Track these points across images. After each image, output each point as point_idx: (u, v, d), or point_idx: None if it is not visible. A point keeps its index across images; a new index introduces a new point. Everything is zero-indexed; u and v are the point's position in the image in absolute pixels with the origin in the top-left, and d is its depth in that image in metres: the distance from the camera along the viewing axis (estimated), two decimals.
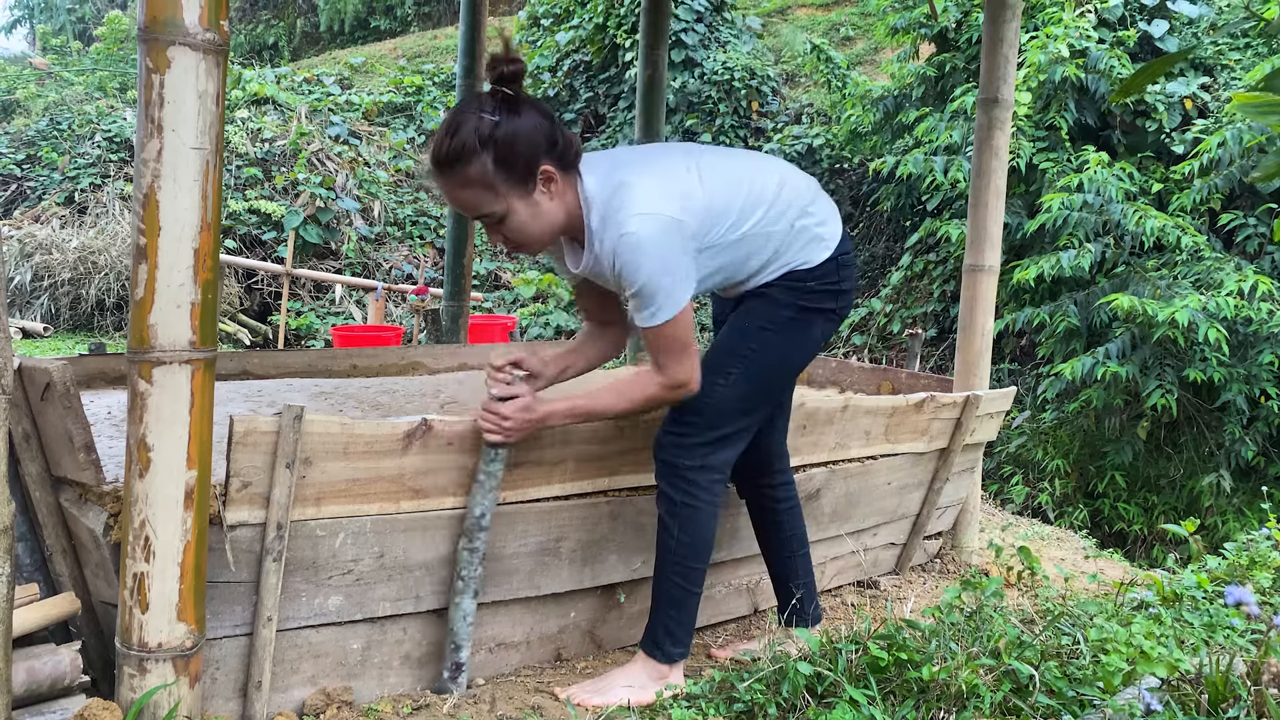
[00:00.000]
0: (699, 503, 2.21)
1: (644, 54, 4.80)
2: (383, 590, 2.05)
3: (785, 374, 2.34)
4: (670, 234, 2.00)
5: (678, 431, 2.22)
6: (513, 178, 1.95)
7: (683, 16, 11.41)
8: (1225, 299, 6.21)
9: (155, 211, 1.62)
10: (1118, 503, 6.74)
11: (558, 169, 2.00)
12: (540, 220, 2.03)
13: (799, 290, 2.23)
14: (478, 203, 1.98)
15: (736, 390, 2.22)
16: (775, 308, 2.23)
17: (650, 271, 1.99)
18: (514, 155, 1.93)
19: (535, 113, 1.97)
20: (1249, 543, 3.28)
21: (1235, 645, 2.22)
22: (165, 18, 1.60)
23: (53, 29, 19.41)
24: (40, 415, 1.89)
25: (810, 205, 2.23)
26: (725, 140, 11.15)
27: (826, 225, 2.25)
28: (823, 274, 2.23)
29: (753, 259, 2.19)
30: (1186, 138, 7.57)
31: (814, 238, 2.22)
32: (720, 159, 2.22)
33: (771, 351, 2.24)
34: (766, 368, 2.25)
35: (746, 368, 2.23)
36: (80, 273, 9.51)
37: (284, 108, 11.88)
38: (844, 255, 2.27)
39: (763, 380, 2.26)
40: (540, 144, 1.96)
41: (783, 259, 2.21)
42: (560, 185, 2.02)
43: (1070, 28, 7.78)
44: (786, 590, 2.52)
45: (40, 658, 1.74)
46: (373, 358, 3.67)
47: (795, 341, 2.27)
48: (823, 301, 2.25)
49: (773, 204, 2.17)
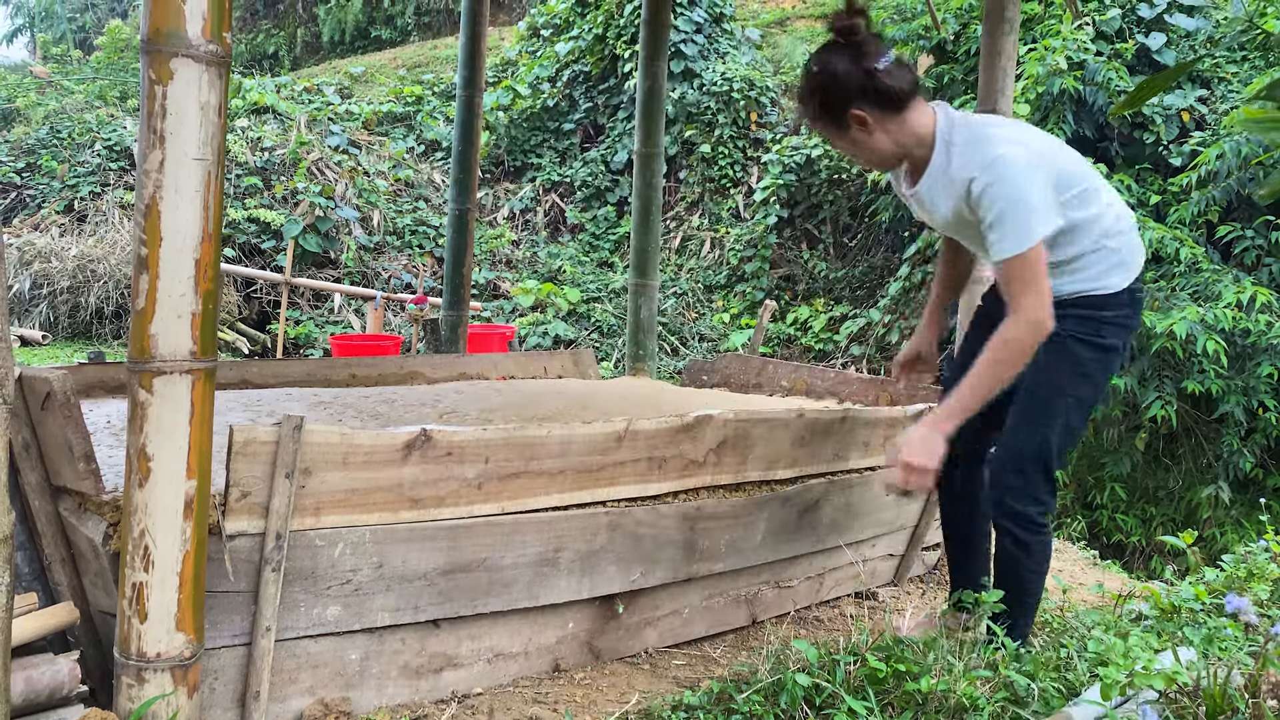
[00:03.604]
0: (1046, 534, 2.36)
1: (643, 65, 4.82)
2: (381, 600, 2.05)
3: (1089, 413, 2.36)
4: (1034, 166, 2.13)
5: (1020, 479, 2.32)
6: (825, 116, 2.26)
7: (682, 28, 11.45)
8: (1224, 311, 6.23)
9: (157, 222, 1.63)
10: (1116, 514, 6.74)
11: (871, 111, 2.19)
12: (862, 149, 2.28)
13: (1099, 321, 2.26)
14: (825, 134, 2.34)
15: (1063, 435, 2.30)
16: (1079, 349, 2.26)
17: (1010, 199, 2.10)
18: (827, 98, 2.22)
19: (847, 62, 2.17)
20: (1247, 555, 3.28)
21: (1233, 658, 2.22)
22: (168, 29, 1.61)
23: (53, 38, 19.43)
24: (40, 424, 1.90)
25: (1126, 230, 2.29)
26: (723, 150, 11.17)
27: (1135, 255, 2.29)
28: (1115, 303, 2.26)
29: (1058, 250, 2.23)
30: (1184, 150, 7.60)
31: (1119, 263, 2.26)
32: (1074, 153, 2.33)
33: (1085, 396, 2.29)
34: (1082, 414, 2.32)
35: (1070, 414, 2.29)
36: (79, 281, 9.51)
37: (284, 117, 11.90)
38: (1139, 292, 2.30)
39: (1077, 427, 2.33)
40: (851, 92, 2.18)
41: (1082, 275, 2.25)
42: (876, 124, 2.21)
43: (1068, 40, 7.82)
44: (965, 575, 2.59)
45: (38, 667, 1.73)
46: (372, 367, 3.67)
47: (1101, 381, 2.31)
48: (1119, 336, 2.28)
49: (1098, 214, 2.24)
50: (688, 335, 10.17)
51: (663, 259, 10.73)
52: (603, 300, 10.47)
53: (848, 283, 9.98)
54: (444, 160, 12.16)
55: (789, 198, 10.51)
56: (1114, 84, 7.65)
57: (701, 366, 4.40)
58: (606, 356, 9.63)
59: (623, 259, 10.99)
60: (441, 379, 3.82)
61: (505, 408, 3.05)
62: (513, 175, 12.43)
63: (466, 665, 2.24)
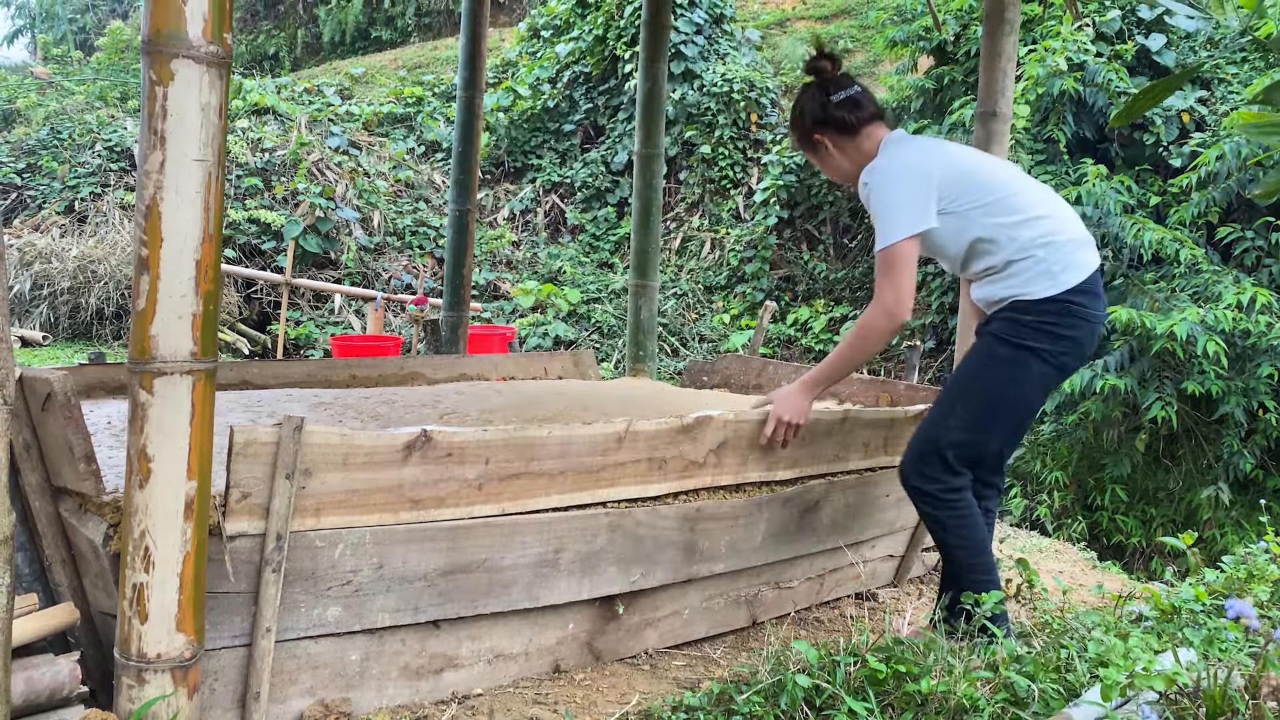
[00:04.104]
0: (955, 508, 2.50)
1: (644, 66, 4.82)
2: (381, 601, 2.05)
3: (1003, 410, 2.49)
4: (906, 174, 2.44)
5: (917, 459, 2.53)
6: (800, 139, 2.69)
7: (682, 29, 11.45)
8: (1224, 312, 6.23)
9: (157, 223, 1.63)
10: (1116, 515, 6.74)
11: (830, 135, 2.59)
12: (827, 167, 2.67)
13: (1018, 324, 2.42)
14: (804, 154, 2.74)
15: (960, 420, 2.48)
16: (994, 345, 2.46)
17: (880, 199, 2.43)
18: (798, 126, 2.67)
19: (812, 96, 2.61)
20: (1247, 556, 3.28)
21: (1233, 659, 2.22)
22: (169, 30, 1.61)
23: (54, 38, 19.44)
24: (41, 425, 1.90)
25: (1059, 242, 2.41)
26: (724, 151, 11.18)
27: (1066, 267, 2.40)
28: (1039, 309, 2.39)
29: (983, 259, 2.46)
30: (1184, 151, 7.60)
31: (1043, 272, 2.40)
32: (1006, 170, 2.55)
33: (988, 387, 2.47)
34: (984, 403, 2.47)
35: (965, 402, 2.49)
36: (80, 282, 9.51)
37: (284, 118, 11.91)
38: (1074, 303, 2.40)
39: (981, 414, 2.48)
40: (814, 120, 2.60)
41: (1012, 281, 2.42)
42: (835, 146, 2.60)
43: (1068, 41, 7.82)
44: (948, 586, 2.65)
45: (39, 668, 1.74)
46: (372, 368, 3.67)
47: (1011, 379, 2.45)
48: (1038, 340, 2.40)
49: (1024, 220, 2.41)
50: (688, 336, 10.18)
51: (663, 260, 10.73)
52: (603, 301, 10.48)
53: (848, 283, 9.99)
54: (444, 161, 12.17)
55: (789, 199, 10.52)
56: (1114, 85, 7.66)
57: (702, 367, 4.40)
58: (607, 357, 9.63)
59: (623, 260, 11.00)
60: (442, 380, 3.82)
61: (505, 409, 3.05)
62: (513, 176, 12.43)
63: (467, 666, 2.24)
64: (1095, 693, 1.85)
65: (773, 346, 9.86)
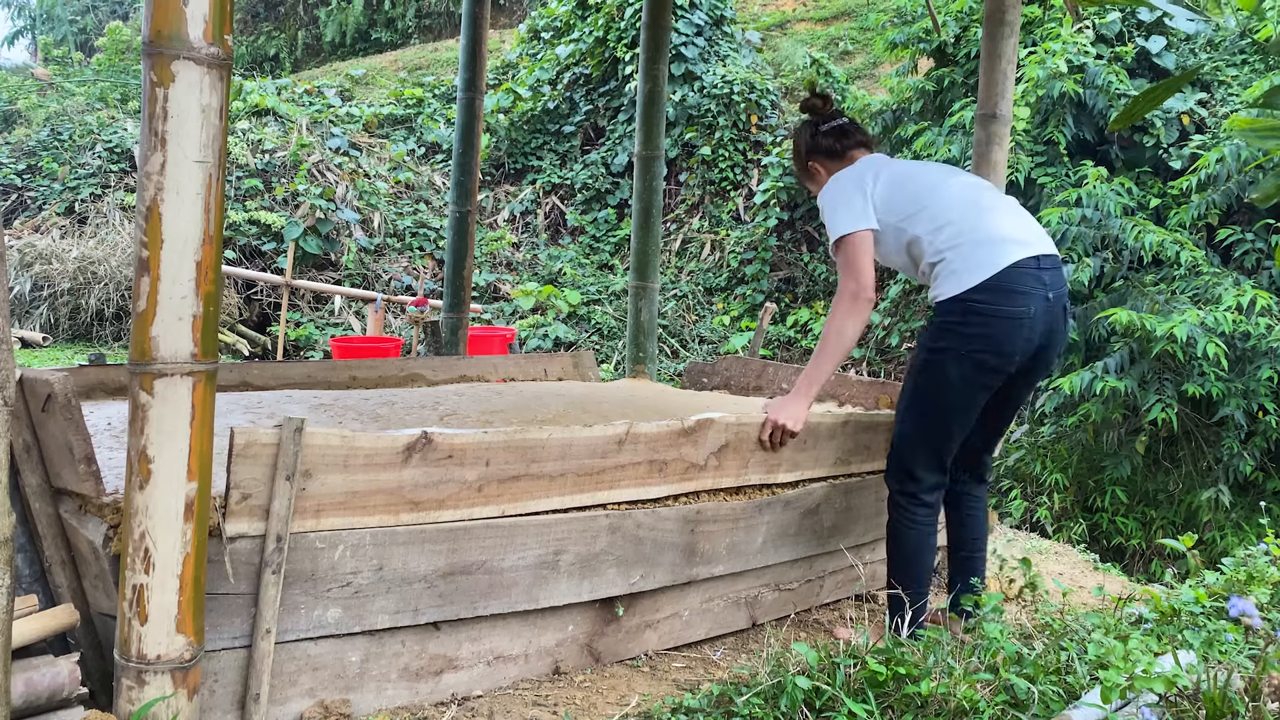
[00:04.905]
0: (900, 518, 2.67)
1: (644, 68, 4.82)
2: (381, 603, 2.05)
3: (938, 413, 2.58)
4: (847, 181, 2.68)
5: (888, 461, 2.71)
6: (800, 170, 2.93)
7: (683, 30, 11.46)
8: (1224, 314, 6.23)
9: (158, 224, 1.63)
10: (1116, 517, 6.74)
11: (821, 161, 2.83)
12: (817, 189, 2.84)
13: (931, 327, 2.57)
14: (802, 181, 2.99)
15: (906, 428, 2.64)
16: (917, 351, 2.61)
17: (827, 201, 2.68)
18: (797, 158, 2.94)
19: (805, 129, 2.88)
20: (1247, 558, 3.28)
21: (1233, 661, 2.22)
22: (170, 32, 1.61)
23: (54, 40, 19.46)
24: (41, 427, 1.90)
25: (963, 244, 2.51)
26: (724, 153, 11.18)
27: (968, 267, 2.49)
28: (945, 310, 2.52)
29: (919, 265, 2.61)
30: (1184, 153, 7.60)
31: (950, 273, 2.51)
32: (945, 176, 2.70)
33: (918, 394, 2.61)
34: (920, 409, 2.61)
35: (907, 409, 2.64)
36: (80, 283, 9.51)
37: (285, 119, 11.91)
38: (975, 300, 2.46)
39: (920, 420, 2.61)
40: (806, 149, 2.87)
41: (934, 284, 2.56)
42: (826, 171, 2.80)
43: (1068, 43, 7.82)
44: (954, 581, 2.83)
45: (39, 669, 1.73)
46: (372, 369, 3.67)
47: (933, 383, 2.56)
48: (946, 340, 2.52)
49: (939, 227, 2.55)
50: (688, 338, 10.18)
51: (663, 261, 10.73)
52: (603, 302, 10.48)
53: None
54: (444, 163, 12.17)
55: (789, 200, 10.52)
56: (1114, 87, 7.66)
57: (702, 369, 4.40)
58: (607, 359, 9.63)
59: (623, 261, 11.00)
60: (442, 381, 3.82)
61: (506, 410, 3.05)
62: (513, 177, 12.44)
63: (466, 668, 2.24)
64: (1095, 695, 1.85)
65: (773, 348, 9.87)
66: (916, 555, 2.67)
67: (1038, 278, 2.49)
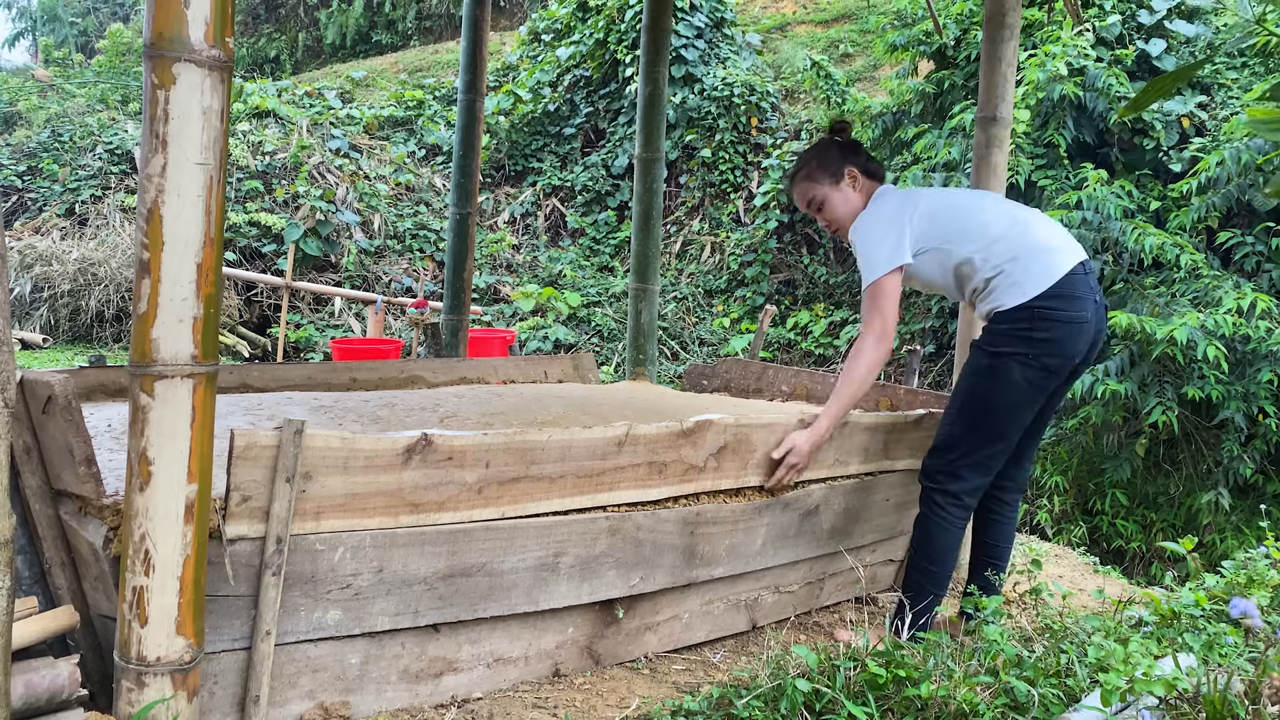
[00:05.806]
0: (934, 517, 2.72)
1: (644, 70, 4.83)
2: (381, 605, 2.05)
3: (997, 416, 2.66)
4: (886, 218, 2.73)
5: (929, 459, 2.76)
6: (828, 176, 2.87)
7: (683, 33, 11.46)
8: (1224, 317, 6.23)
9: (159, 226, 1.63)
10: (1116, 520, 6.73)
11: (858, 170, 2.85)
12: (830, 211, 2.88)
13: (993, 333, 2.63)
14: None
15: (959, 430, 2.69)
16: (977, 355, 2.67)
17: (862, 245, 2.73)
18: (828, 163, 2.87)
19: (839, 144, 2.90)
20: (1247, 561, 3.28)
21: (1233, 664, 2.22)
22: (171, 34, 1.61)
23: (55, 41, 19.48)
24: (41, 428, 1.90)
25: (1022, 255, 2.61)
26: (724, 155, 11.18)
27: (1030, 276, 2.58)
28: (1010, 318, 2.59)
29: (969, 283, 2.69)
30: (1184, 156, 7.61)
31: (1011, 284, 2.60)
32: (978, 198, 2.83)
33: (977, 396, 2.66)
34: (976, 411, 2.66)
35: (960, 411, 2.69)
36: (80, 284, 9.52)
37: (285, 121, 11.92)
38: (1043, 308, 2.57)
39: (976, 422, 2.67)
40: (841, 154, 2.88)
41: (991, 296, 2.64)
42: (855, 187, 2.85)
43: (1068, 46, 7.83)
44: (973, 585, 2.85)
45: (38, 671, 1.74)
46: (372, 371, 3.67)
47: (996, 385, 2.63)
48: (1013, 345, 2.59)
49: (991, 242, 2.64)
50: (688, 340, 10.18)
51: (663, 263, 10.74)
52: (603, 304, 10.48)
53: (848, 287, 9.98)
54: (445, 164, 12.17)
55: (789, 202, 10.52)
56: (1114, 90, 7.66)
57: (702, 371, 4.40)
58: (607, 361, 9.63)
59: (623, 263, 11.00)
60: (442, 383, 3.82)
61: (506, 412, 3.05)
62: (513, 179, 12.44)
63: (466, 670, 2.24)
64: (1095, 698, 1.85)
65: (773, 350, 9.86)
66: (945, 555, 2.73)
67: (1087, 283, 2.62)
